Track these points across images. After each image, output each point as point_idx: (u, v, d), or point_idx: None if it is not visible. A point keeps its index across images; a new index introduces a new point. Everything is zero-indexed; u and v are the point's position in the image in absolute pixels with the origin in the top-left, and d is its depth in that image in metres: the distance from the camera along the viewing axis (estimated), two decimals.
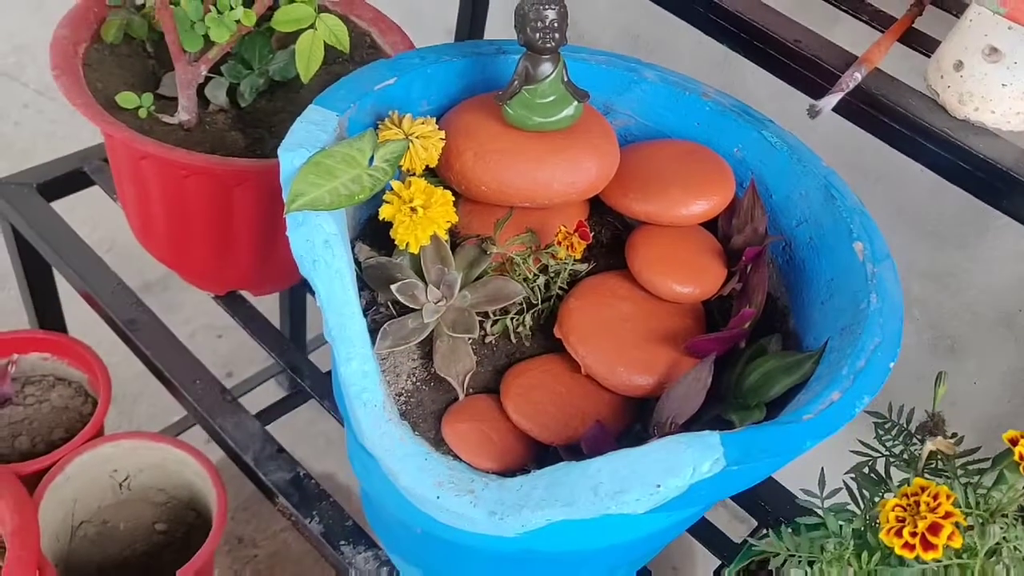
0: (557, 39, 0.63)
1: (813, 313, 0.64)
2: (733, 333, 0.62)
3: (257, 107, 0.84)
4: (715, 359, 0.60)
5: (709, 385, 0.59)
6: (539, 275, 0.66)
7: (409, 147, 0.63)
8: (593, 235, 0.70)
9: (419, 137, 0.63)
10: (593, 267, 0.69)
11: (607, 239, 0.71)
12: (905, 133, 0.69)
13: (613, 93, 0.74)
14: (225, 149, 0.79)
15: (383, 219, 0.62)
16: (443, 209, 0.62)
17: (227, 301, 0.94)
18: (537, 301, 0.66)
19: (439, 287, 0.63)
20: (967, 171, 0.67)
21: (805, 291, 0.66)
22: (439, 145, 0.64)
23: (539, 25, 0.62)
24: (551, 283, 0.67)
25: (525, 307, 0.66)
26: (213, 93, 0.82)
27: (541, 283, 0.66)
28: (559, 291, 0.67)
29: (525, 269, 0.66)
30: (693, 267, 0.66)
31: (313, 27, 0.74)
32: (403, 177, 0.64)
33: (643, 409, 0.63)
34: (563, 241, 0.64)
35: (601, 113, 0.72)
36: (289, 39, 0.81)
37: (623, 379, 0.62)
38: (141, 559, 1.02)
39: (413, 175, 0.64)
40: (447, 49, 0.71)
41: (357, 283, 0.64)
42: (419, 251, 0.63)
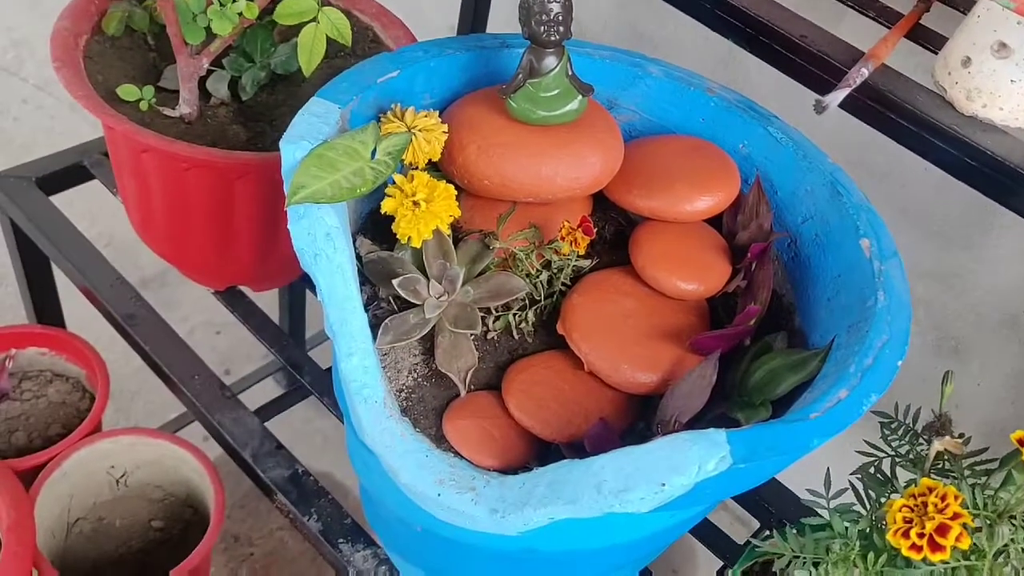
0: (562, 32, 0.62)
1: (819, 310, 0.63)
2: (738, 330, 0.61)
3: (259, 100, 0.83)
4: (720, 356, 0.60)
5: (714, 383, 0.58)
6: (542, 271, 0.66)
7: (412, 140, 0.62)
8: (597, 231, 0.69)
9: (422, 130, 0.63)
10: (596, 263, 0.68)
11: (611, 235, 0.71)
12: (912, 130, 0.68)
13: (617, 88, 0.73)
14: (226, 142, 0.79)
15: (385, 213, 0.61)
16: (446, 203, 0.61)
17: (226, 297, 0.93)
18: (540, 297, 0.66)
19: (441, 282, 0.62)
20: (975, 168, 0.67)
21: (811, 288, 0.65)
22: (442, 139, 0.64)
23: (544, 18, 0.62)
24: (554, 279, 0.66)
25: (528, 303, 0.65)
26: (215, 86, 0.81)
27: (544, 279, 0.66)
28: (562, 287, 0.66)
29: (528, 265, 0.65)
30: (697, 264, 0.65)
31: (315, 20, 0.74)
32: (405, 171, 0.63)
33: (647, 407, 0.63)
34: (566, 236, 0.63)
35: (605, 108, 0.71)
36: (291, 32, 0.80)
37: (626, 376, 0.61)
38: (137, 556, 1.01)
39: (415, 169, 0.63)
40: (450, 42, 0.71)
41: (358, 277, 0.63)
42: (421, 245, 0.62)
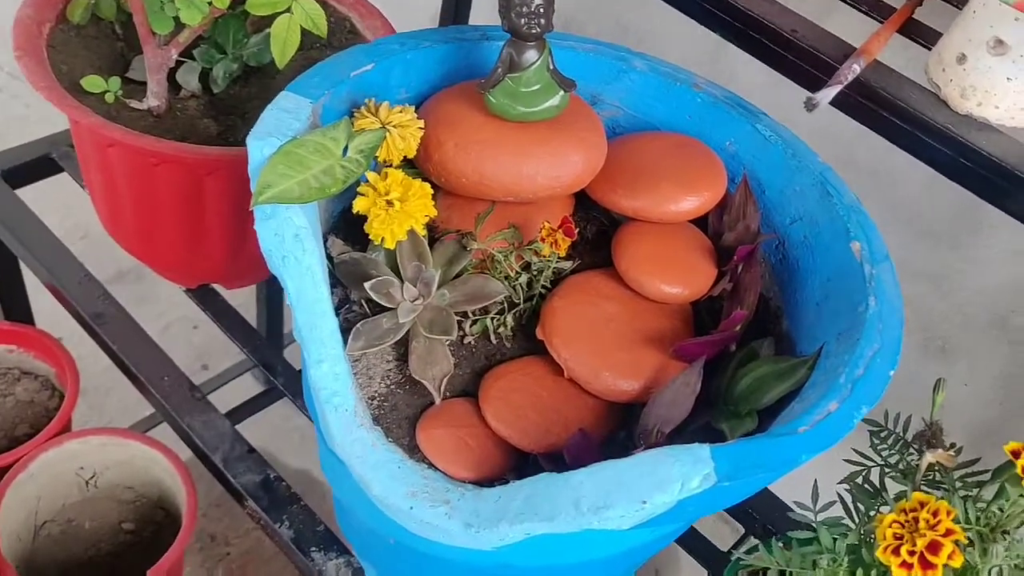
0: (543, 25, 0.60)
1: (808, 315, 0.61)
2: (724, 336, 0.59)
3: (231, 93, 0.81)
4: (704, 363, 0.57)
5: (698, 391, 0.56)
6: (521, 273, 0.63)
7: (386, 137, 0.60)
8: (578, 231, 0.67)
9: (396, 126, 0.60)
10: (578, 264, 0.66)
11: (593, 235, 0.68)
12: (905, 128, 0.66)
13: (601, 83, 0.71)
14: (196, 137, 0.76)
15: (357, 212, 0.59)
16: (421, 202, 0.59)
17: (198, 294, 0.91)
18: (519, 300, 0.63)
19: (416, 285, 0.60)
20: (969, 168, 0.65)
21: (799, 292, 0.63)
22: (418, 135, 0.61)
23: (524, 10, 0.59)
24: (534, 281, 0.64)
25: (506, 306, 0.63)
26: (185, 78, 0.79)
27: (523, 281, 0.63)
28: (542, 290, 0.64)
29: (507, 267, 0.63)
30: (682, 266, 0.63)
31: (289, 11, 0.71)
32: (379, 168, 0.61)
33: (628, 415, 0.60)
34: (547, 238, 0.61)
35: (588, 104, 0.69)
36: (264, 23, 0.78)
37: (608, 384, 0.59)
38: (106, 559, 0.99)
39: (390, 166, 0.61)
40: (428, 34, 0.68)
41: (329, 280, 0.61)
42: (395, 247, 0.60)
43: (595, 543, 0.52)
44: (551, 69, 0.62)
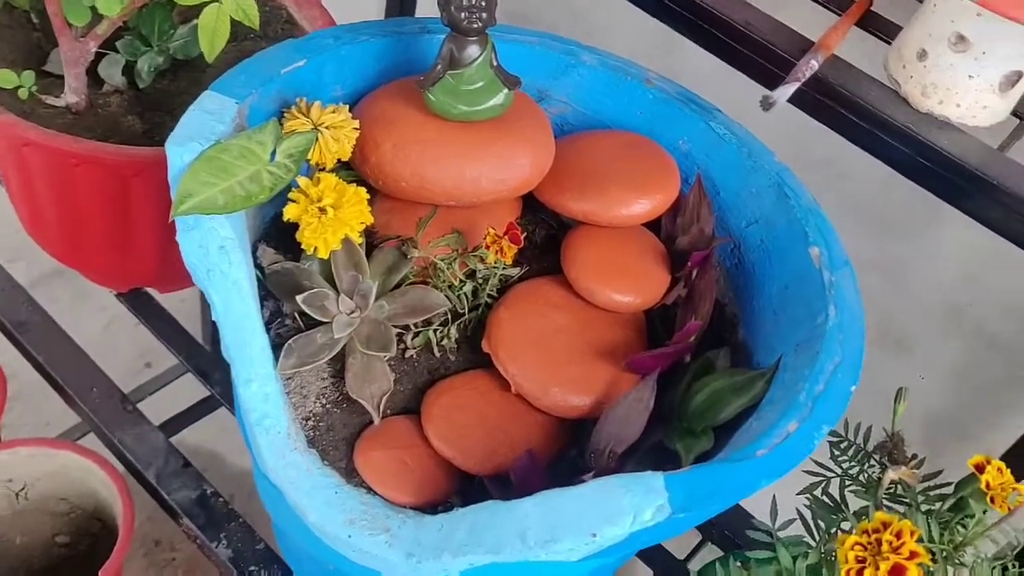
0: (485, 19, 0.56)
1: (765, 324, 0.59)
2: (678, 348, 0.57)
3: (158, 88, 0.76)
4: (658, 376, 0.55)
5: (651, 407, 0.53)
6: (466, 281, 0.60)
7: (317, 139, 0.56)
8: (526, 236, 0.63)
9: (329, 127, 0.56)
10: (526, 271, 0.62)
11: (541, 240, 0.65)
12: (864, 127, 0.64)
13: (548, 78, 0.67)
14: (120, 135, 0.71)
15: (288, 220, 0.55)
16: (356, 209, 0.55)
17: (130, 299, 0.86)
18: (463, 310, 0.60)
19: (352, 297, 0.56)
20: (928, 168, 0.62)
21: (756, 299, 0.61)
22: (352, 136, 0.58)
23: (464, 3, 0.56)
24: (479, 290, 0.60)
25: (450, 317, 0.60)
26: (107, 72, 0.74)
27: (468, 290, 0.60)
28: (488, 299, 0.61)
29: (450, 275, 0.59)
30: (634, 273, 0.60)
31: (218, 0, 0.66)
32: (312, 173, 0.57)
33: (579, 430, 0.58)
34: (492, 245, 0.58)
35: (535, 100, 0.66)
36: (192, 13, 0.73)
37: (557, 400, 0.56)
38: (40, 575, 0.94)
39: (323, 170, 0.57)
40: (365, 27, 0.64)
41: (260, 291, 0.57)
42: (329, 256, 0.56)
43: (542, 572, 0.50)
44: (495, 65, 0.59)
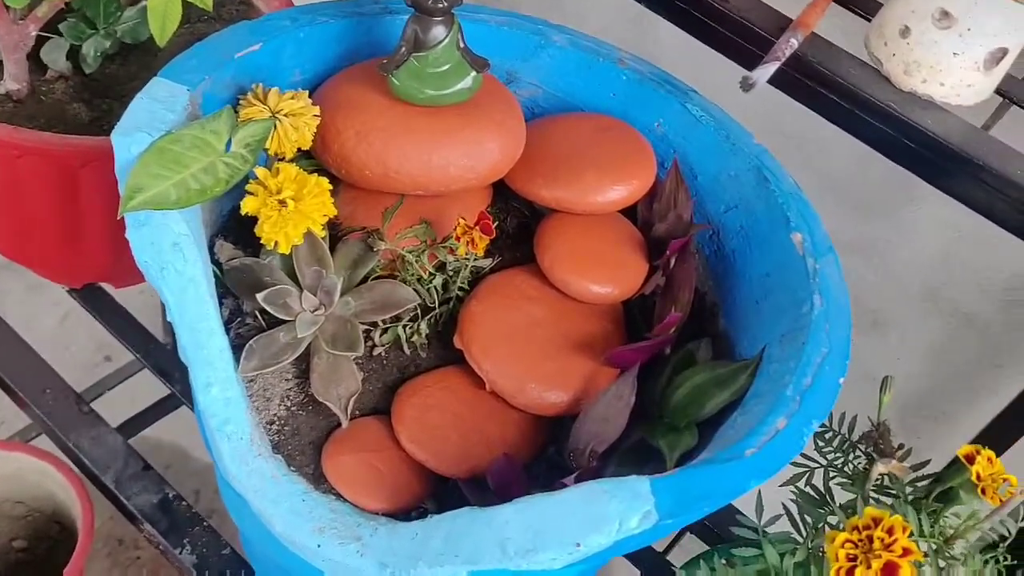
0: None
1: (747, 313, 0.57)
2: (659, 341, 0.54)
3: (106, 73, 0.72)
4: (638, 370, 0.52)
5: (632, 404, 0.51)
6: (436, 274, 0.57)
7: (276, 127, 0.53)
8: (497, 225, 0.61)
9: (288, 115, 0.53)
10: (498, 262, 0.60)
11: (513, 228, 0.62)
12: (844, 107, 0.61)
13: (517, 59, 0.64)
14: (65, 124, 0.68)
15: (246, 214, 0.52)
16: (318, 201, 0.52)
17: (84, 294, 0.83)
18: (434, 304, 0.57)
19: (315, 293, 0.53)
20: (912, 149, 0.60)
21: (736, 287, 0.58)
22: (313, 123, 0.54)
23: None
24: (450, 283, 0.58)
25: (420, 312, 0.57)
26: (51, 57, 0.70)
27: (438, 283, 0.57)
28: (459, 292, 0.58)
29: (419, 268, 0.57)
30: (611, 263, 0.57)
31: None
32: (270, 163, 0.54)
33: (557, 428, 0.55)
34: (463, 236, 0.55)
35: (503, 83, 0.63)
36: None
37: (533, 397, 0.53)
38: None
39: (282, 160, 0.54)
40: (324, 8, 0.61)
41: (218, 289, 0.54)
42: (291, 251, 0.53)
43: None
44: (461, 47, 0.56)
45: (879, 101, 0.61)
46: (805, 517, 0.55)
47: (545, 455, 0.55)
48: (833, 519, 0.55)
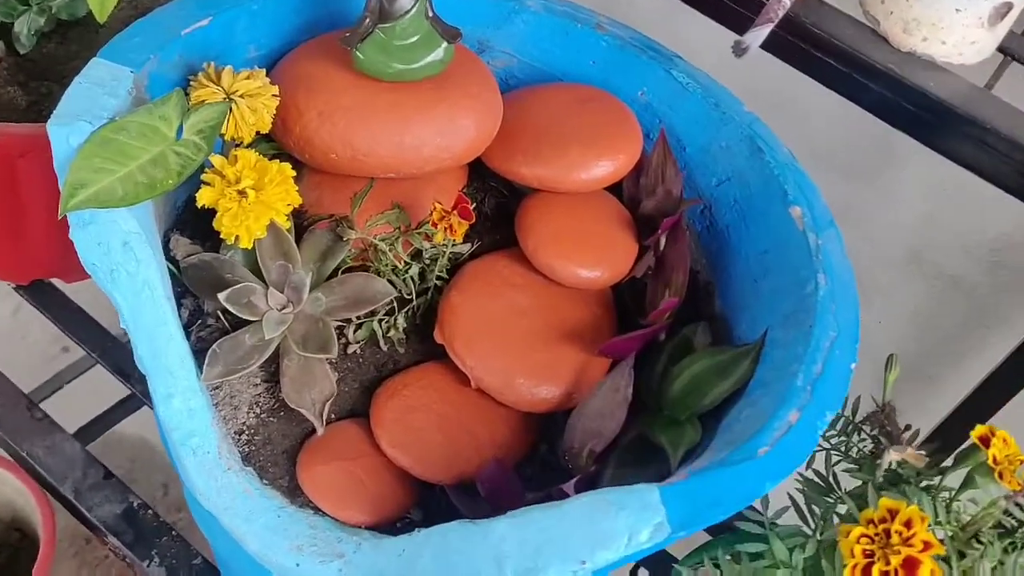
0: None
1: (744, 294, 0.53)
2: (654, 329, 0.51)
3: (43, 53, 0.67)
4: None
5: (630, 398, 0.48)
6: (411, 263, 0.53)
7: (231, 110, 0.48)
8: (475, 207, 0.56)
9: (245, 96, 0.49)
10: (478, 247, 0.56)
11: (491, 209, 0.58)
12: (840, 70, 0.58)
13: (489, 27, 0.60)
14: (0, 109, 0.62)
15: (203, 206, 0.48)
16: (281, 189, 0.48)
17: (32, 291, 0.77)
18: (411, 295, 0.53)
19: (282, 290, 0.49)
20: (911, 112, 0.57)
21: (732, 265, 0.55)
22: (272, 104, 0.50)
23: None
24: (426, 272, 0.54)
25: (396, 305, 0.53)
26: None
27: (414, 273, 0.53)
28: (437, 281, 0.54)
29: (393, 257, 0.52)
30: (599, 244, 0.54)
31: None
32: (227, 150, 0.49)
33: (548, 423, 0.52)
34: (440, 222, 0.51)
35: (475, 53, 0.58)
36: None
37: (523, 393, 0.50)
38: None
39: (240, 146, 0.50)
40: None
41: (176, 289, 0.50)
42: (254, 244, 0.49)
43: None
44: (431, 16, 0.52)
45: (877, 63, 0.57)
46: (812, 507, 0.52)
47: (537, 454, 0.51)
48: (842, 508, 0.52)
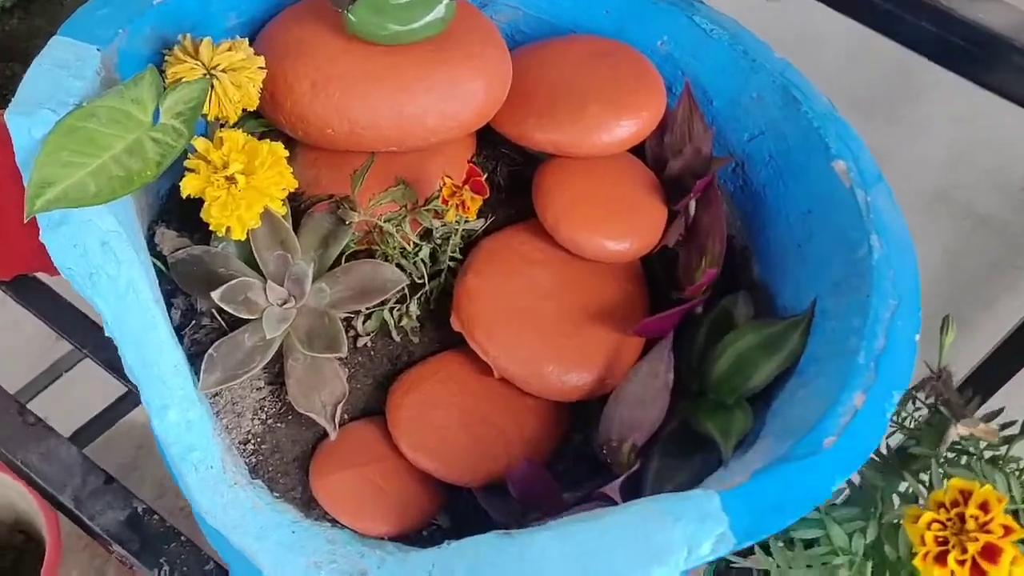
0: None
1: (786, 259, 0.49)
2: (692, 305, 0.46)
3: (5, 30, 0.62)
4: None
5: (671, 384, 0.43)
6: (421, 245, 0.49)
7: (213, 87, 0.43)
8: (486, 178, 0.52)
9: (227, 70, 0.44)
10: (491, 221, 0.51)
11: (504, 179, 0.54)
12: (882, 7, 0.52)
13: None
14: None
15: (189, 196, 0.43)
16: (273, 172, 0.43)
17: (15, 287, 0.73)
18: (423, 279, 0.49)
19: (282, 283, 0.45)
20: (958, 46, 0.52)
21: (770, 228, 0.50)
22: (258, 78, 0.45)
23: None
24: (438, 253, 0.49)
25: (407, 291, 0.48)
26: None
27: (425, 254, 0.49)
28: (451, 262, 0.49)
29: (401, 238, 0.48)
30: (625, 213, 0.49)
31: None
32: (211, 131, 0.44)
33: (580, 411, 0.48)
34: (450, 198, 0.46)
35: (477, 8, 0.53)
36: None
37: (552, 382, 0.45)
38: None
39: (226, 126, 0.45)
40: None
41: (165, 287, 0.45)
42: (247, 235, 0.44)
43: None
44: None
45: None
46: (871, 485, 0.48)
47: (570, 446, 0.47)
48: (902, 486, 0.48)
